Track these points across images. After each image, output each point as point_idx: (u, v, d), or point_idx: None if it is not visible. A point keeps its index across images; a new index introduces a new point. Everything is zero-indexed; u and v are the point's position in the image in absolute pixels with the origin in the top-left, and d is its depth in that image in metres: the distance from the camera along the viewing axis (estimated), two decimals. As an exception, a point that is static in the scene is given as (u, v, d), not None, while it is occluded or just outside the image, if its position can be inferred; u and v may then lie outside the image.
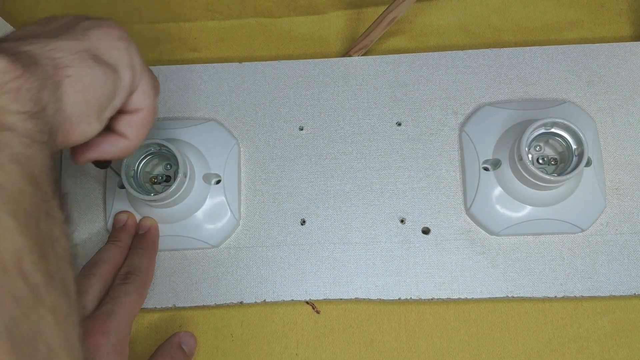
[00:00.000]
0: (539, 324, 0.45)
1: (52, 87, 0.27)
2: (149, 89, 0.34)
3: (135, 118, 0.34)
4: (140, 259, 0.43)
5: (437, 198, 0.47)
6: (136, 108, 0.33)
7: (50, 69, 0.27)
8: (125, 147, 0.34)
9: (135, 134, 0.34)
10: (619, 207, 0.46)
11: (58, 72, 0.28)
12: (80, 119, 0.29)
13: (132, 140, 0.34)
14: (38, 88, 0.26)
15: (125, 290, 0.40)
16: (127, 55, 0.32)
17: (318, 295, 0.46)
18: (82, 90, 0.28)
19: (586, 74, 0.49)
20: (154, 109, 0.35)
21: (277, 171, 0.49)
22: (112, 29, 0.32)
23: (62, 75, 0.28)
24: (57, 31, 0.30)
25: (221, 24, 0.55)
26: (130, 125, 0.34)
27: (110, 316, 0.37)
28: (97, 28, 0.31)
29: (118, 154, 0.34)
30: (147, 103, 0.34)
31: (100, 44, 0.30)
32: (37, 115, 0.25)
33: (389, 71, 0.50)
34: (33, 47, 0.27)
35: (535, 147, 0.45)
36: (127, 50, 0.32)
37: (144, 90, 0.33)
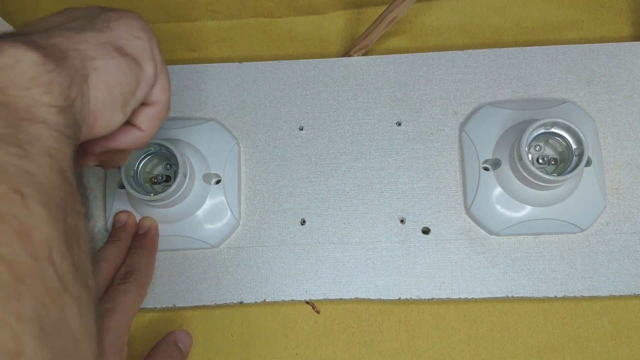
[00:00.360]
0: (539, 324, 0.46)
1: (80, 81, 0.27)
2: (167, 83, 0.34)
3: (151, 111, 0.34)
4: (139, 259, 0.43)
5: (437, 198, 0.47)
6: (153, 101, 0.34)
7: (77, 63, 0.27)
8: (139, 138, 0.34)
9: (149, 126, 0.34)
10: (618, 207, 0.46)
11: (85, 65, 0.28)
12: (105, 110, 0.29)
13: (146, 132, 0.34)
14: (68, 82, 0.26)
15: (125, 289, 0.40)
16: (149, 48, 0.32)
17: (318, 295, 0.46)
18: (108, 82, 0.29)
19: (586, 74, 0.49)
20: (169, 104, 0.35)
21: (277, 171, 0.49)
22: (135, 21, 0.32)
23: (89, 68, 0.28)
24: (81, 23, 0.30)
25: (221, 24, 0.55)
26: (146, 117, 0.34)
27: (109, 315, 0.37)
28: (120, 19, 0.31)
29: (132, 144, 0.34)
30: (164, 97, 0.34)
31: (124, 35, 0.31)
32: (66, 109, 0.25)
33: (389, 71, 0.50)
34: (61, 40, 0.28)
35: (535, 147, 0.45)
36: (149, 43, 0.32)
37: (163, 84, 0.34)
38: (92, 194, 0.49)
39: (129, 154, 0.40)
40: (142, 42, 0.31)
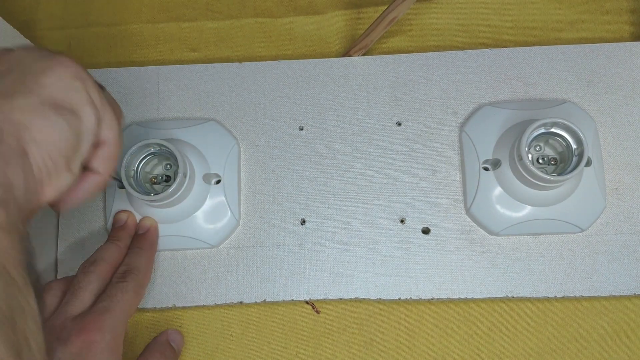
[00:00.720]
0: (539, 324, 0.46)
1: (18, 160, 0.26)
2: (112, 120, 0.33)
3: (102, 152, 0.33)
4: (138, 259, 0.43)
5: (437, 198, 0.47)
6: (102, 141, 0.33)
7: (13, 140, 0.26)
8: (97, 183, 0.34)
9: (104, 167, 0.34)
10: (618, 207, 0.46)
11: (21, 138, 0.27)
12: (50, 177, 0.28)
13: (103, 175, 0.34)
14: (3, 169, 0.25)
15: (123, 288, 0.40)
16: (85, 94, 0.31)
17: (318, 295, 0.46)
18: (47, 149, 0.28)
19: (586, 74, 0.49)
20: (119, 140, 0.34)
21: (277, 171, 0.49)
22: (65, 69, 0.31)
23: (25, 141, 0.27)
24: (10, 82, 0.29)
25: (221, 24, 0.55)
26: (99, 160, 0.33)
27: (106, 313, 0.37)
28: (50, 71, 0.30)
29: (92, 190, 0.34)
30: (111, 135, 0.33)
31: (57, 89, 0.29)
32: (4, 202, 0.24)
33: (389, 71, 0.50)
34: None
35: (535, 147, 0.45)
36: (84, 89, 0.31)
37: (109, 123, 0.33)
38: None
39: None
40: (77, 91, 0.30)
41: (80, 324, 0.36)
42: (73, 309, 0.38)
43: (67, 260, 0.48)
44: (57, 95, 0.29)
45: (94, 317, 0.37)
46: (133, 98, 0.51)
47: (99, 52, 0.55)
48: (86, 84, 0.31)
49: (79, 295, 0.39)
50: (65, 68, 0.31)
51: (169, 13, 0.56)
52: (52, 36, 0.56)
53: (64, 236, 0.48)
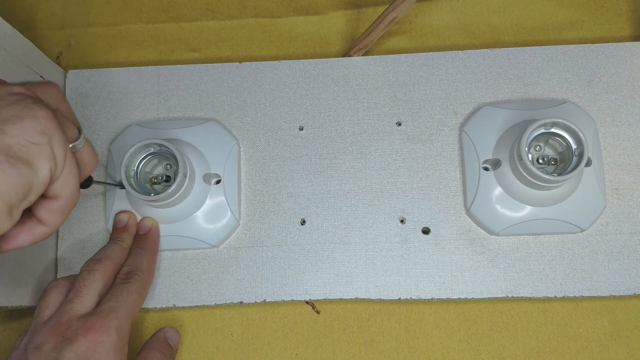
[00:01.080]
0: (539, 324, 0.46)
1: None
2: (70, 178, 0.33)
3: (54, 204, 0.33)
4: (141, 259, 0.43)
5: (437, 198, 0.47)
6: (55, 195, 0.33)
7: None
8: (41, 234, 0.34)
9: (53, 220, 0.34)
10: (618, 207, 0.46)
11: None
12: None
13: (50, 227, 0.34)
14: None
15: (127, 289, 0.40)
16: (48, 149, 0.31)
17: (318, 295, 0.46)
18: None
19: (586, 74, 0.49)
20: (74, 197, 0.34)
21: (277, 171, 0.49)
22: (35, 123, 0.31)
23: None
24: None
25: (221, 24, 0.55)
26: (48, 212, 0.33)
27: (112, 313, 0.38)
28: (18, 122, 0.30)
29: (36, 241, 0.34)
30: (66, 191, 0.33)
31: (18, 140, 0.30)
32: None
33: (389, 71, 0.50)
34: None
35: (535, 147, 0.45)
36: (48, 144, 0.31)
37: (65, 180, 0.33)
38: (93, 194, 0.49)
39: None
40: (40, 146, 0.31)
41: (87, 324, 0.37)
42: (78, 308, 0.38)
43: (67, 261, 0.48)
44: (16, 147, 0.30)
45: (101, 318, 0.37)
46: (133, 98, 0.51)
47: (99, 52, 0.55)
48: (52, 140, 0.31)
49: (83, 293, 0.39)
50: (36, 122, 0.31)
51: (169, 13, 0.56)
52: (52, 36, 0.56)
53: (64, 236, 0.48)
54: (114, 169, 0.48)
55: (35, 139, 0.30)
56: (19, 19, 0.56)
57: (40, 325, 0.38)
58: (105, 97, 0.51)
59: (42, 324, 0.38)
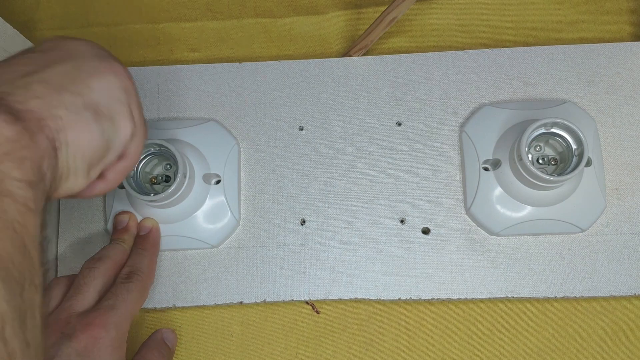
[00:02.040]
0: (539, 324, 0.46)
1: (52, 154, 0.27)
2: (141, 139, 0.34)
3: (120, 164, 0.34)
4: (142, 260, 0.43)
5: (437, 198, 0.47)
6: (123, 155, 0.33)
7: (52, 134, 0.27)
8: (101, 190, 0.34)
9: (114, 178, 0.34)
10: (619, 207, 0.46)
11: (59, 136, 0.28)
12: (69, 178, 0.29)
13: (110, 184, 0.34)
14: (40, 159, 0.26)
15: (127, 288, 0.40)
16: (128, 108, 0.31)
17: (318, 295, 0.46)
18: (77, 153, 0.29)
19: (586, 74, 0.49)
20: (137, 159, 0.35)
21: (277, 171, 0.49)
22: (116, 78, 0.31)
23: (62, 140, 0.28)
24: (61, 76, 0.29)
25: (221, 24, 0.55)
26: (113, 170, 0.34)
27: (111, 311, 0.38)
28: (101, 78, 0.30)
29: (93, 194, 0.34)
30: (134, 154, 0.34)
31: (103, 96, 0.30)
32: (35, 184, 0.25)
33: (389, 71, 0.50)
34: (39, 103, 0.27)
35: (535, 147, 0.45)
36: (128, 104, 0.31)
37: (138, 142, 0.33)
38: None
39: None
40: (121, 103, 0.31)
41: (86, 320, 0.37)
42: (77, 305, 0.38)
43: (67, 261, 0.48)
44: (101, 101, 0.30)
45: (100, 314, 0.37)
46: (133, 98, 0.51)
47: (99, 52, 0.55)
48: (131, 98, 0.32)
49: (82, 291, 0.39)
50: (117, 77, 0.31)
51: (169, 13, 0.56)
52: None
53: (64, 236, 0.48)
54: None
55: (118, 96, 0.31)
56: (19, 19, 0.56)
57: None
58: (105, 97, 0.51)
59: None
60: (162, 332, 0.44)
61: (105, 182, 0.34)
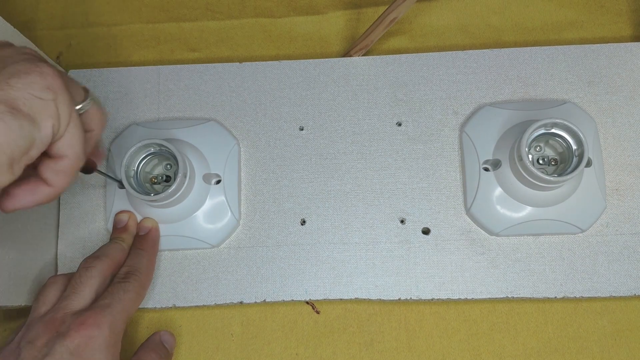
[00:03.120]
0: (539, 324, 0.46)
1: None
2: (75, 138, 0.33)
3: (58, 165, 0.33)
4: (140, 260, 0.43)
5: (437, 198, 0.47)
6: (60, 155, 0.33)
7: None
8: (47, 195, 0.34)
9: (58, 181, 0.33)
10: (619, 208, 0.46)
11: None
12: None
13: (55, 188, 0.34)
14: None
15: (124, 288, 0.40)
16: (52, 106, 0.31)
17: (318, 295, 0.46)
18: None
19: (586, 74, 0.49)
20: (79, 158, 0.34)
21: (277, 171, 0.49)
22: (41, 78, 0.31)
23: None
24: None
25: (221, 24, 0.55)
26: (53, 172, 0.33)
27: (106, 310, 0.38)
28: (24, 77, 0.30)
29: (41, 201, 0.34)
30: (71, 152, 0.33)
31: (22, 94, 0.30)
32: None
33: (389, 71, 0.50)
34: None
35: (536, 148, 0.45)
36: (53, 101, 0.31)
37: (69, 140, 0.33)
38: (93, 194, 0.49)
39: None
40: (44, 101, 0.31)
41: (80, 319, 0.37)
42: (73, 304, 0.38)
43: (66, 260, 0.48)
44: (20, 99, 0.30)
45: (94, 313, 0.37)
46: (133, 98, 0.51)
47: (99, 52, 0.55)
48: (57, 97, 0.31)
49: (79, 289, 0.39)
50: (42, 77, 0.31)
51: (169, 13, 0.56)
52: (52, 36, 0.56)
53: (63, 235, 0.48)
54: (114, 169, 0.48)
55: (40, 94, 0.30)
56: (19, 19, 0.56)
57: (35, 320, 0.38)
58: (105, 97, 0.51)
59: (37, 319, 0.38)
60: (160, 335, 0.44)
61: (48, 186, 0.33)
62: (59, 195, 0.35)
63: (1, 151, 0.29)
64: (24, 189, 0.33)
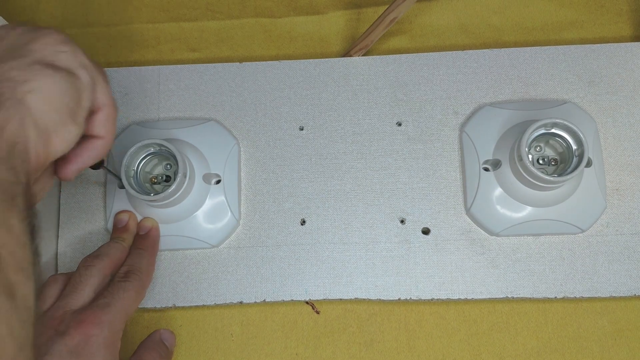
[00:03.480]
0: (539, 324, 0.46)
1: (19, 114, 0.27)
2: (106, 85, 0.34)
3: (101, 116, 0.34)
4: (140, 260, 0.43)
5: (437, 198, 0.47)
6: (100, 105, 0.34)
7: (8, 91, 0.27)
8: (102, 147, 0.35)
9: (106, 130, 0.35)
10: (619, 208, 0.46)
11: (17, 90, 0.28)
12: (57, 127, 0.29)
13: (106, 137, 0.35)
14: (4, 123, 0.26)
15: (124, 287, 0.40)
16: (76, 58, 0.32)
17: (318, 295, 0.46)
18: (48, 100, 0.29)
19: (587, 74, 0.49)
20: (114, 103, 0.35)
21: (277, 171, 0.49)
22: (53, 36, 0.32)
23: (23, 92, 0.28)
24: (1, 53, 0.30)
25: (221, 24, 0.55)
26: (100, 123, 0.34)
27: (106, 309, 0.38)
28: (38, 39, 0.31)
29: (99, 155, 0.35)
30: (107, 98, 0.34)
31: (47, 52, 0.31)
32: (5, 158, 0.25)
33: (389, 71, 0.50)
34: None
35: (536, 148, 0.45)
36: (73, 53, 0.32)
37: (103, 87, 0.34)
38: (93, 194, 0.49)
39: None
40: (67, 54, 0.31)
41: (79, 318, 0.37)
42: (72, 303, 0.38)
43: (67, 259, 0.48)
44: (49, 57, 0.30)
45: (93, 312, 0.37)
46: (133, 98, 0.51)
47: (99, 52, 0.55)
48: (76, 51, 0.32)
49: (78, 288, 0.39)
50: (50, 35, 0.32)
51: (169, 13, 0.56)
52: (52, 36, 0.55)
53: (64, 235, 0.48)
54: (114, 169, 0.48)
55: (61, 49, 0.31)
56: (19, 19, 0.56)
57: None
58: (105, 97, 0.51)
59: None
60: (160, 333, 0.44)
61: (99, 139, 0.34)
62: (111, 146, 0.36)
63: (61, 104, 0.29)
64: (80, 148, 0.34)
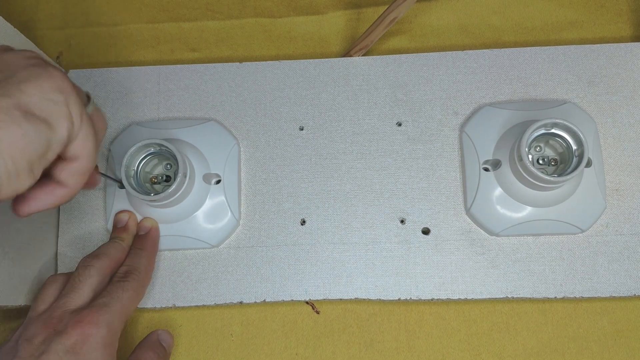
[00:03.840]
0: (539, 324, 0.46)
1: None
2: (87, 139, 0.34)
3: (73, 166, 0.34)
4: (140, 260, 0.43)
5: (437, 198, 0.47)
6: (74, 156, 0.33)
7: None
8: (63, 196, 0.34)
9: (73, 182, 0.34)
10: (619, 208, 0.46)
11: None
12: (9, 177, 0.29)
13: (71, 189, 0.34)
14: None
15: (123, 287, 0.40)
16: (65, 108, 0.31)
17: (318, 295, 0.46)
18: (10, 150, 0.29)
19: (587, 74, 0.49)
20: (92, 158, 0.35)
21: (277, 171, 0.49)
22: (51, 81, 0.31)
23: None
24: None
25: (221, 24, 0.55)
26: (68, 173, 0.34)
27: (104, 308, 0.38)
28: (34, 80, 0.31)
29: (57, 203, 0.34)
30: (85, 152, 0.34)
31: (34, 98, 0.30)
32: None
33: (389, 71, 0.50)
34: None
35: (536, 148, 0.45)
36: (65, 103, 0.32)
37: (83, 141, 0.33)
38: (93, 194, 0.49)
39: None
40: (56, 104, 0.31)
41: (77, 317, 0.37)
42: (71, 302, 0.38)
43: (66, 259, 0.48)
44: (33, 103, 0.30)
45: (92, 312, 0.37)
46: (133, 98, 0.51)
47: (99, 52, 0.55)
48: (68, 98, 0.32)
49: (77, 288, 0.39)
50: (51, 80, 0.31)
51: (169, 13, 0.56)
52: (52, 36, 0.56)
53: (63, 235, 0.48)
54: (114, 169, 0.48)
55: (51, 97, 0.31)
56: (19, 19, 0.56)
57: (34, 318, 0.38)
58: (106, 96, 0.51)
59: (35, 317, 0.38)
60: (158, 333, 0.44)
61: (64, 187, 0.34)
62: (75, 196, 0.35)
63: (20, 156, 0.29)
64: (42, 191, 0.33)
